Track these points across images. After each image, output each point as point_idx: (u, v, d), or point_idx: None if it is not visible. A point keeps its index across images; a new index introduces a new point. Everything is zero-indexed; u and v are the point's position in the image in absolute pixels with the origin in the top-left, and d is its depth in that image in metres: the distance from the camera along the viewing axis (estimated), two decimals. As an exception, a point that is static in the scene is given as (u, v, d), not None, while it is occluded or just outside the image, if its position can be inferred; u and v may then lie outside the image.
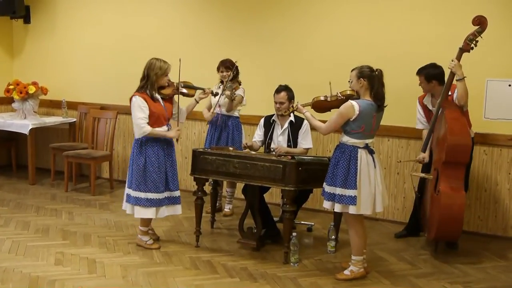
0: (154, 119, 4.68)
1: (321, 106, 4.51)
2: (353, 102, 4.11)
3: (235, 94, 5.55)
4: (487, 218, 5.50)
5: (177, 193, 4.86)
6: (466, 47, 4.66)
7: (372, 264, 4.56)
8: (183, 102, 4.97)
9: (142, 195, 4.71)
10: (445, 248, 5.05)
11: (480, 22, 4.60)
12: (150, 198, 4.71)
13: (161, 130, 4.72)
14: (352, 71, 4.22)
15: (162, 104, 4.79)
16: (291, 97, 5.15)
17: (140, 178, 4.71)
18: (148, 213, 4.73)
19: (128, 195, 4.81)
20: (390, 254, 4.92)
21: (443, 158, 4.57)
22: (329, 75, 4.92)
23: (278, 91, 5.22)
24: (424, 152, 4.99)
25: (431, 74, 4.87)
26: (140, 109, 4.62)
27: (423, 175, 5.01)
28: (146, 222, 4.88)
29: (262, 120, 5.47)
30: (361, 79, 4.13)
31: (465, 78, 4.63)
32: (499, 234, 5.45)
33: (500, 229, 5.46)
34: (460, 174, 4.62)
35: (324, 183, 4.31)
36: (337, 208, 4.18)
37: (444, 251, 5.00)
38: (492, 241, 5.36)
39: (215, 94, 5.26)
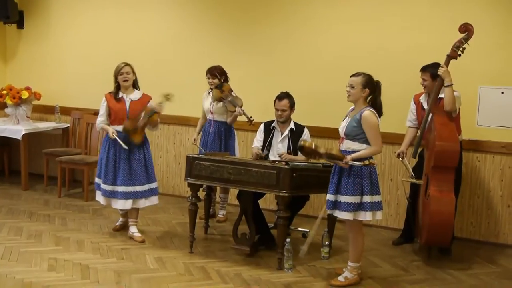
0: (113, 116, 5.13)
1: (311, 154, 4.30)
2: (372, 111, 4.10)
3: (249, 117, 5.41)
4: (480, 224, 5.53)
5: (120, 188, 5.11)
6: (453, 54, 4.71)
7: (365, 270, 4.58)
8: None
9: (97, 180, 5.28)
10: (438, 254, 5.07)
11: (467, 30, 4.65)
12: (99, 184, 5.25)
13: (109, 128, 5.11)
14: (354, 76, 4.16)
15: (127, 104, 5.12)
16: (292, 104, 5.17)
17: (98, 166, 5.28)
18: (100, 198, 5.29)
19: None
20: (384, 260, 4.93)
21: (432, 163, 4.62)
22: (324, 83, 4.96)
23: (280, 98, 5.22)
24: (414, 157, 5.03)
25: (437, 72, 4.83)
26: (100, 107, 5.18)
27: (413, 180, 5.04)
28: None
29: (262, 125, 5.45)
30: (366, 88, 4.13)
31: (453, 85, 4.66)
32: (492, 240, 5.48)
33: (492, 235, 5.49)
34: (449, 178, 4.65)
35: (341, 196, 4.16)
36: (368, 216, 4.15)
37: (437, 257, 5.02)
38: (484, 247, 5.39)
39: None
